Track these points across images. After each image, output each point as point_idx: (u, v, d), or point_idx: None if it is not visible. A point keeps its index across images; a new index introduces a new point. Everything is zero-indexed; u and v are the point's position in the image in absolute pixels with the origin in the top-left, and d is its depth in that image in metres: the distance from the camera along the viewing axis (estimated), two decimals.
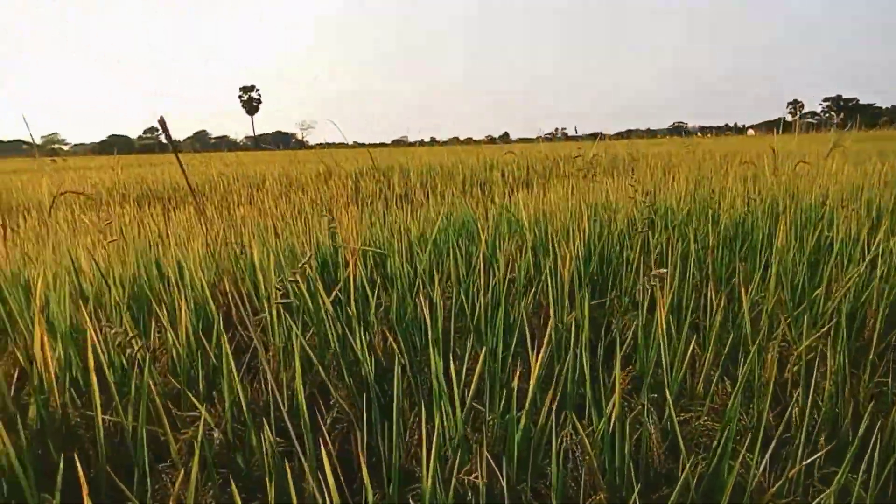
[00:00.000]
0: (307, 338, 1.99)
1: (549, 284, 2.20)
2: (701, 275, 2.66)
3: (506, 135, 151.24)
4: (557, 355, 1.95)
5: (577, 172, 7.01)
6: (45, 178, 5.18)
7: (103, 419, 1.46)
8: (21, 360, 1.70)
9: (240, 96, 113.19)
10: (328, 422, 1.62)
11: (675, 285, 2.30)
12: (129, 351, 1.58)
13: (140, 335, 1.73)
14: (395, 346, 1.81)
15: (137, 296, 2.18)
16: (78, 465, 1.02)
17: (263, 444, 1.26)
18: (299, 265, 1.91)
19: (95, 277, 2.17)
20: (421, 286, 2.32)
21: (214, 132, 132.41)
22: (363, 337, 1.79)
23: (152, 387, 1.36)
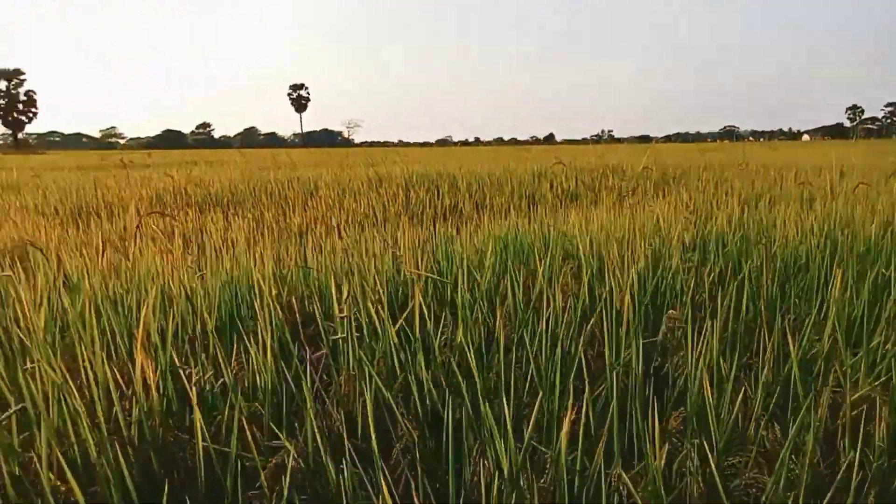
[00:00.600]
0: (375, 362, 2.12)
1: (605, 317, 2.27)
2: (755, 309, 2.69)
3: (551, 136, 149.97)
4: (611, 393, 2.03)
5: (627, 189, 7.01)
6: (132, 202, 5.45)
7: (193, 442, 1.61)
8: (120, 381, 1.87)
9: (289, 94, 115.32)
10: (396, 452, 1.74)
11: (728, 318, 2.34)
12: (217, 384, 1.74)
13: (227, 361, 1.89)
14: (458, 376, 1.92)
15: (222, 318, 2.35)
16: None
17: (343, 478, 1.39)
18: (371, 306, 2.04)
19: (182, 304, 2.35)
20: (479, 313, 2.42)
21: (263, 128, 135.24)
22: (427, 367, 1.91)
23: (243, 421, 1.51)
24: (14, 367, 1.83)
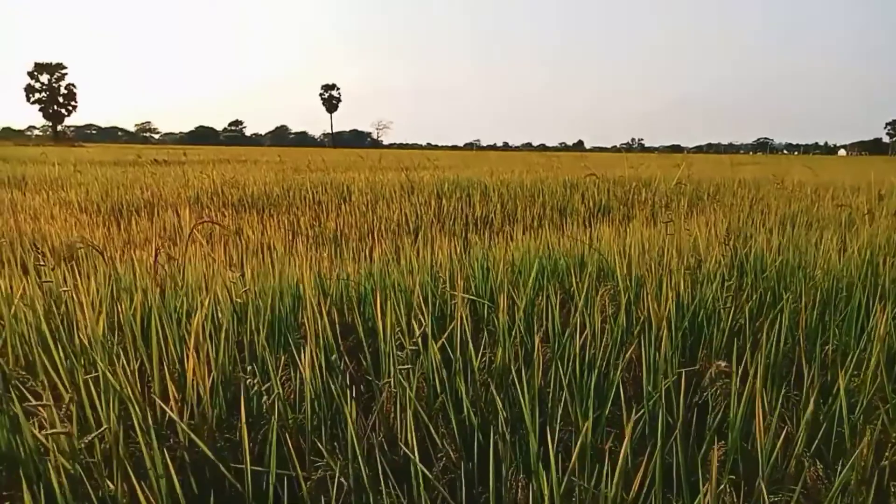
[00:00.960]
0: (415, 381, 2.16)
1: (643, 342, 2.29)
2: (793, 339, 2.67)
3: (580, 143, 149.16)
4: (649, 423, 2.04)
5: (660, 204, 6.96)
6: (186, 211, 5.56)
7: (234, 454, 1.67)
8: (172, 388, 1.94)
9: (321, 94, 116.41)
10: (436, 471, 1.78)
11: (770, 351, 2.33)
12: (269, 398, 1.79)
13: (276, 372, 1.95)
14: (496, 398, 1.95)
15: (269, 328, 2.41)
16: None
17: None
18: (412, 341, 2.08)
19: (228, 312, 2.42)
20: (518, 334, 2.45)
21: (294, 127, 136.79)
22: (467, 388, 1.94)
23: (288, 439, 1.55)
24: (74, 369, 1.91)
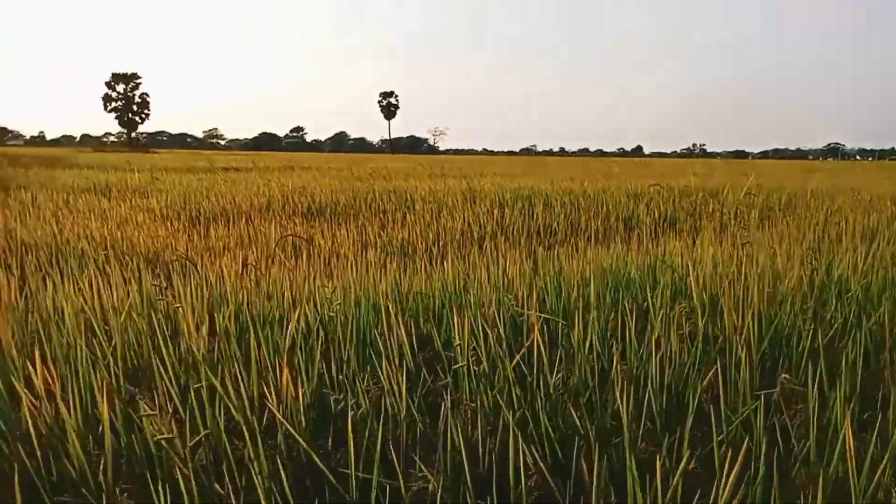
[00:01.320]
0: (491, 396, 2.22)
1: (720, 364, 2.28)
2: (877, 361, 2.60)
3: (639, 148, 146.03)
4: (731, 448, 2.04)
5: (729, 216, 6.80)
6: (273, 226, 5.80)
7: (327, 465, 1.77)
8: (267, 393, 2.06)
9: (379, 101, 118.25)
10: (522, 489, 1.83)
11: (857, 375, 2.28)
12: (358, 411, 1.89)
13: (363, 385, 2.05)
14: (575, 419, 1.99)
15: (354, 340, 2.53)
16: None
17: None
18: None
19: (315, 324, 2.54)
20: (593, 348, 2.48)
21: (353, 133, 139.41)
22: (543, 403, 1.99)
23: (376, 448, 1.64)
24: (182, 375, 2.06)
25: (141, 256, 4.30)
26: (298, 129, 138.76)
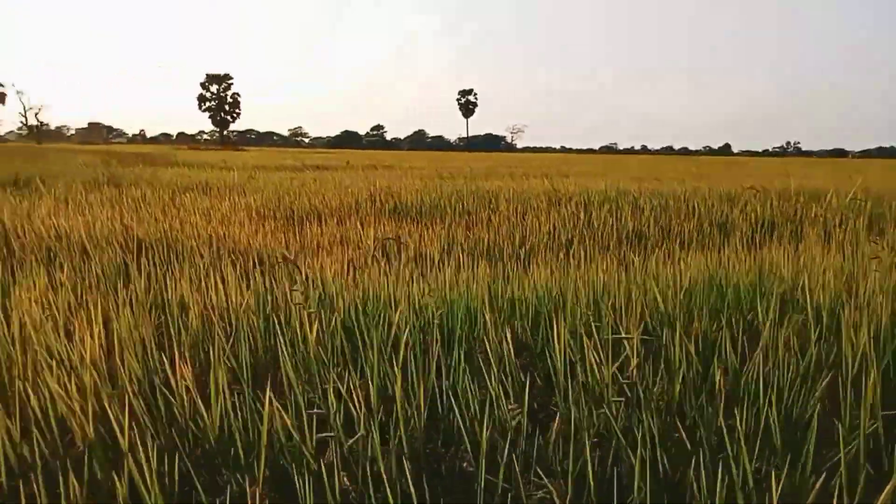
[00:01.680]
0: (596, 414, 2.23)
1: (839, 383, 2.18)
2: None
3: (726, 146, 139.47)
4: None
5: (833, 222, 6.43)
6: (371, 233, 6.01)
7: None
8: (372, 392, 2.16)
9: (458, 99, 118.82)
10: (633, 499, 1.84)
11: None
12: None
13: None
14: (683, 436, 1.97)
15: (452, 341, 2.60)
16: None
17: None
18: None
19: (415, 331, 2.63)
20: (692, 366, 2.43)
21: (431, 132, 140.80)
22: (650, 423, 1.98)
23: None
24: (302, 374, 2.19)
25: (247, 255, 4.55)
26: (378, 126, 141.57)
